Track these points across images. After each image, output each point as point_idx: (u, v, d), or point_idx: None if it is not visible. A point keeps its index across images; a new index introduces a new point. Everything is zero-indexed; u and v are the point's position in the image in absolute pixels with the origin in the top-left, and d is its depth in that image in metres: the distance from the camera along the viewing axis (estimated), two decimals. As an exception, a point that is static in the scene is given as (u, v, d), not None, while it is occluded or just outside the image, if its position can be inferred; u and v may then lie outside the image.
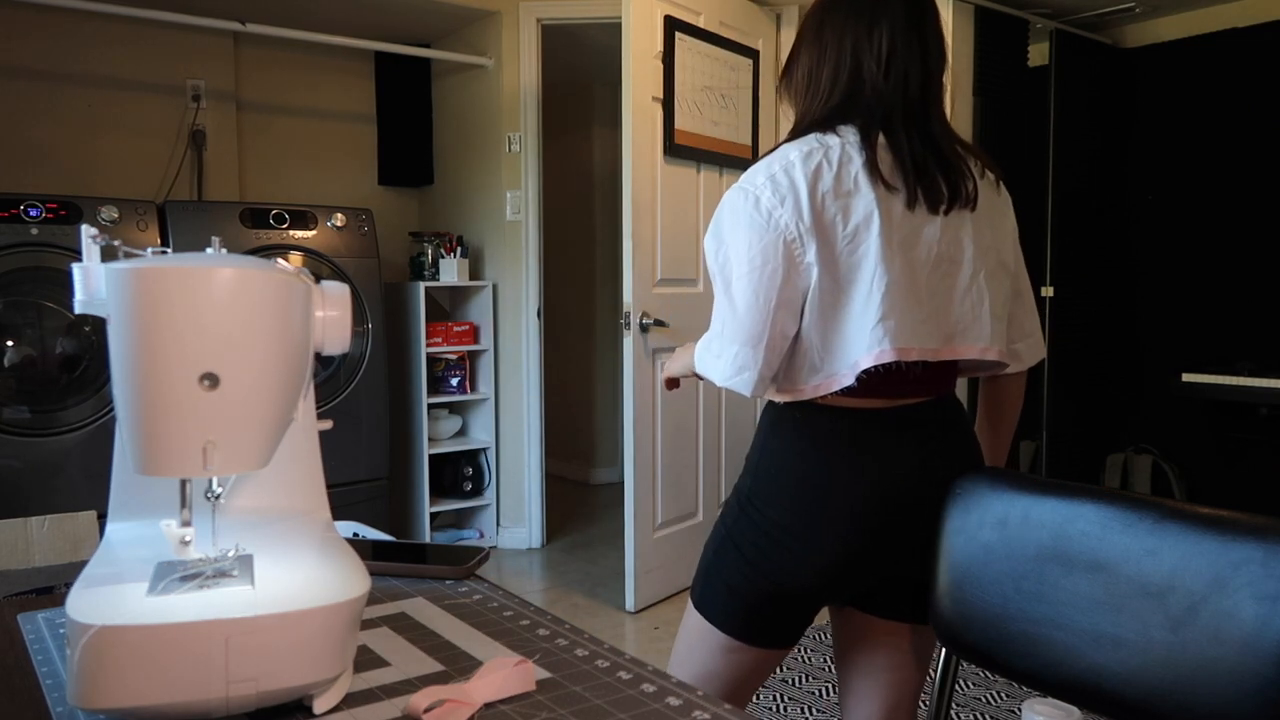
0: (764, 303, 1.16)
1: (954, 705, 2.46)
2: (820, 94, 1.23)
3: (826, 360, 1.18)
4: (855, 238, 1.15)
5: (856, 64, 1.21)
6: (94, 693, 0.63)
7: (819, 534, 1.19)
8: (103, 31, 3.62)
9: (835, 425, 1.20)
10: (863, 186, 1.15)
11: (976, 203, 1.21)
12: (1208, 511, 0.97)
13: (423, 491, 3.87)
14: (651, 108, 3.15)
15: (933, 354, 1.17)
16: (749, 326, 1.17)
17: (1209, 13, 3.69)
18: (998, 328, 1.23)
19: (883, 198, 1.15)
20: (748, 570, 1.23)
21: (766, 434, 1.27)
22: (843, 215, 1.15)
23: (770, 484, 1.23)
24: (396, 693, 0.76)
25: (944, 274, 1.19)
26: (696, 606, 1.29)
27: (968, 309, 1.20)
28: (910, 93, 1.20)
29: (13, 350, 2.90)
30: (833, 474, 1.19)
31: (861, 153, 1.16)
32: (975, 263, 1.20)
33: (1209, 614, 0.93)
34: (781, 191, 1.15)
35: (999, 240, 1.26)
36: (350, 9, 3.82)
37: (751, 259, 1.17)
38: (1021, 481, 1.14)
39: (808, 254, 1.15)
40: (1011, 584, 1.10)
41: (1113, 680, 1.00)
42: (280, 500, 0.89)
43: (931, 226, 1.18)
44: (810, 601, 1.24)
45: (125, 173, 3.70)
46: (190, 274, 0.67)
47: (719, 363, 1.21)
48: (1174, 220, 3.84)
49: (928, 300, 1.17)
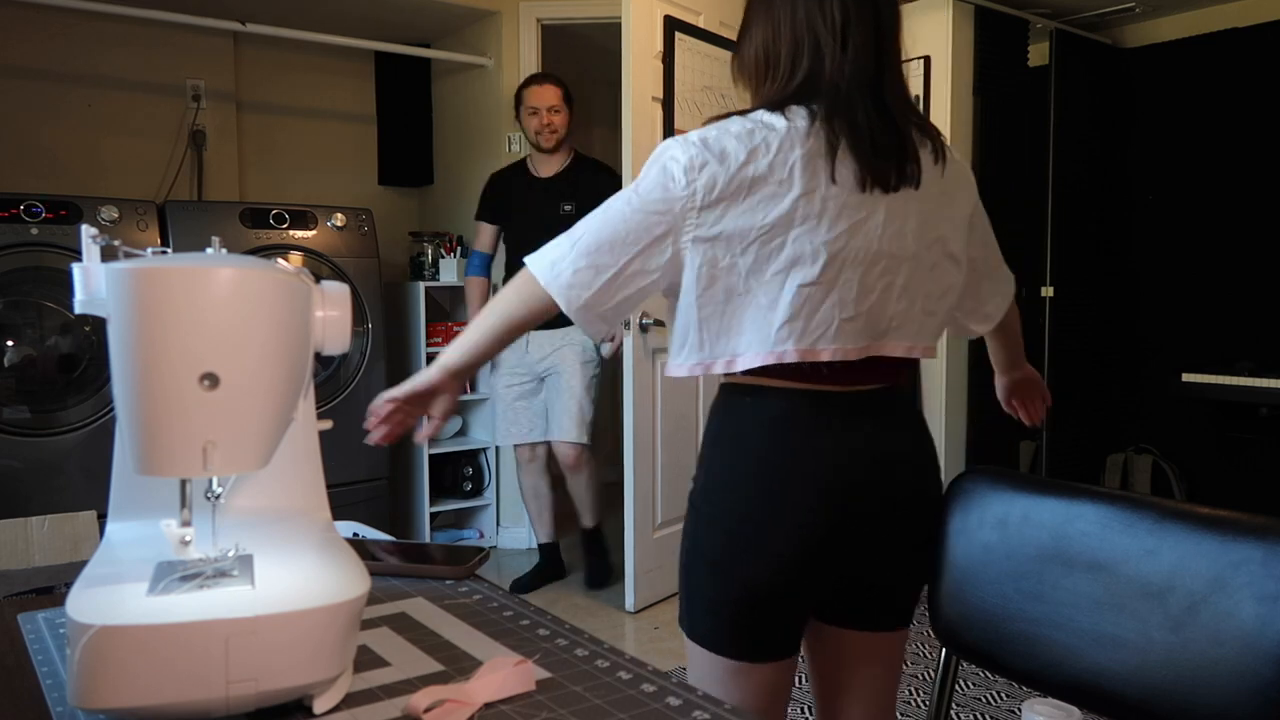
0: (629, 244, 1.12)
1: (954, 705, 2.46)
2: (780, 75, 1.17)
3: (713, 344, 1.14)
4: (771, 230, 1.10)
5: (814, 37, 1.14)
6: (94, 693, 0.63)
7: (774, 519, 1.14)
8: (103, 31, 3.62)
9: (792, 406, 1.15)
10: (796, 178, 1.10)
11: (919, 183, 1.15)
12: (1208, 511, 0.97)
13: (423, 491, 3.87)
14: (651, 108, 3.15)
15: (853, 354, 1.14)
16: (605, 254, 1.12)
17: (1209, 13, 3.69)
18: (927, 324, 1.20)
19: (818, 192, 1.10)
20: (718, 580, 1.17)
21: (718, 423, 1.21)
22: (764, 205, 1.10)
23: (726, 473, 1.17)
24: (396, 693, 0.75)
25: (883, 272, 1.14)
26: (688, 635, 1.23)
27: (902, 308, 1.17)
28: (866, 63, 1.13)
29: (13, 350, 2.90)
30: (790, 453, 1.14)
31: (806, 142, 1.11)
32: (915, 260, 1.16)
33: (1209, 614, 0.93)
34: (708, 156, 1.10)
35: (947, 229, 1.21)
36: (350, 9, 3.82)
37: (645, 201, 1.12)
38: (1021, 481, 1.14)
39: (700, 229, 1.11)
40: (1011, 584, 1.10)
41: (1113, 680, 1.00)
42: (280, 500, 0.89)
43: (876, 218, 1.13)
44: (785, 603, 1.18)
45: (125, 173, 3.69)
46: (190, 274, 0.67)
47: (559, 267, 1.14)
48: (1174, 220, 3.84)
49: (858, 301, 1.13)
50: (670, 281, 1.15)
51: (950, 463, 3.53)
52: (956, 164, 1.25)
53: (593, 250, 1.13)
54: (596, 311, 1.14)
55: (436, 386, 1.20)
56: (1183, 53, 3.76)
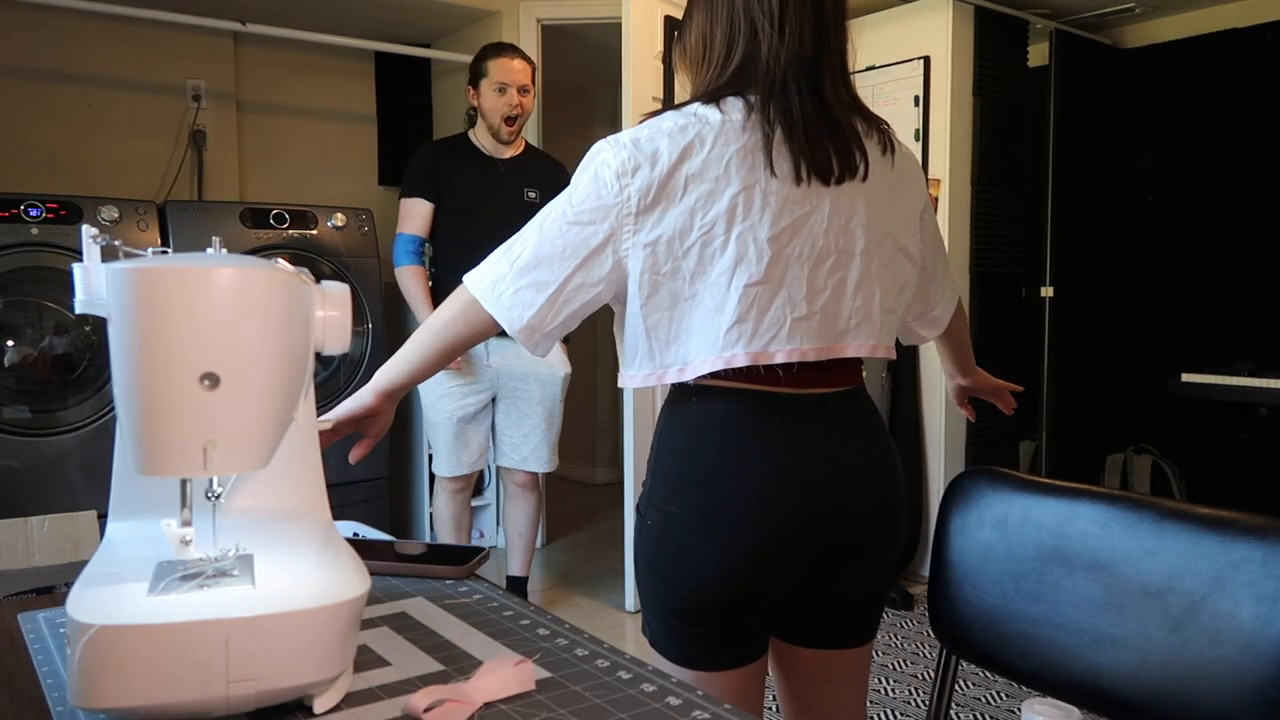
0: (568, 258, 1.09)
1: (954, 705, 2.46)
2: (716, 60, 1.13)
3: (662, 353, 1.11)
4: (712, 230, 1.06)
5: (751, 24, 1.10)
6: (94, 692, 0.63)
7: (716, 525, 1.09)
8: (103, 31, 3.62)
9: (737, 408, 1.11)
10: (733, 174, 1.06)
11: (867, 175, 1.12)
12: (1208, 511, 0.97)
13: (423, 491, 3.86)
14: (651, 108, 3.14)
15: (811, 354, 1.10)
16: (545, 270, 1.09)
17: (1209, 13, 3.69)
18: (888, 321, 1.17)
19: (758, 186, 1.07)
20: (666, 588, 1.14)
21: (662, 425, 1.17)
22: (702, 203, 1.06)
23: (668, 477, 1.13)
24: (396, 693, 0.76)
25: (833, 267, 1.10)
26: (651, 645, 1.19)
27: (859, 305, 1.12)
28: (804, 51, 1.10)
29: (13, 350, 2.90)
30: (731, 457, 1.10)
31: (742, 135, 1.07)
32: (867, 254, 1.12)
33: (1209, 614, 0.93)
34: (639, 159, 1.07)
35: (898, 224, 1.17)
36: (350, 9, 3.82)
37: (579, 212, 1.09)
38: (1021, 481, 1.14)
39: (639, 235, 1.07)
40: (1011, 584, 1.10)
41: (1113, 680, 1.00)
42: (280, 500, 0.89)
43: (820, 212, 1.09)
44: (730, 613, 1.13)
45: (125, 173, 3.70)
46: (190, 274, 0.67)
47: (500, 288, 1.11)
48: (1174, 220, 3.84)
49: (809, 299, 1.09)
50: (616, 290, 1.12)
51: (950, 463, 3.53)
52: (907, 157, 1.21)
53: (532, 268, 1.09)
54: (541, 331, 1.12)
55: (372, 409, 1.17)
56: (1183, 53, 3.77)
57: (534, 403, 3.03)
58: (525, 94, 2.98)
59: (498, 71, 2.94)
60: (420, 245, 3.01)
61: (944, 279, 1.34)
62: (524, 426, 3.04)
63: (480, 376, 2.98)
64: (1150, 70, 3.87)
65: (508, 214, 2.97)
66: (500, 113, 2.95)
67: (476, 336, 1.15)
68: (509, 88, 2.94)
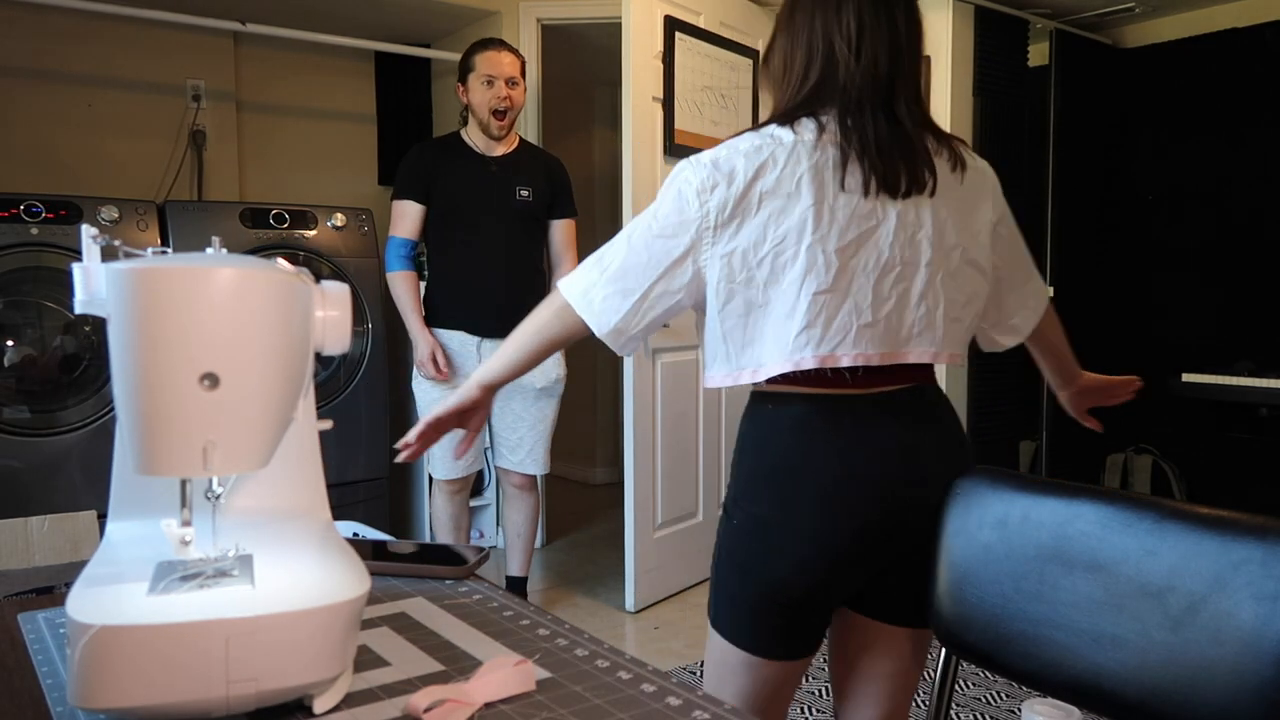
0: (652, 268, 1.20)
1: (954, 705, 2.46)
2: (794, 80, 1.23)
3: (739, 356, 1.20)
4: (784, 242, 1.15)
5: (829, 46, 1.20)
6: (94, 692, 0.63)
7: (794, 522, 1.18)
8: (103, 31, 3.61)
9: (809, 410, 1.19)
10: (804, 190, 1.15)
11: (935, 190, 1.19)
12: (1208, 511, 0.97)
13: (422, 492, 3.86)
14: (651, 108, 3.15)
15: (875, 359, 1.17)
16: (634, 279, 1.21)
17: (1209, 13, 3.69)
18: (953, 330, 1.23)
19: (826, 201, 1.15)
20: (741, 578, 1.22)
21: (744, 430, 1.26)
22: (775, 218, 1.15)
23: (749, 479, 1.22)
24: (396, 693, 0.76)
25: (897, 278, 1.18)
26: (711, 624, 1.29)
27: (922, 314, 1.20)
28: (879, 72, 1.19)
29: (13, 350, 2.90)
30: (804, 457, 1.18)
31: (814, 154, 1.16)
32: (933, 266, 1.19)
33: (1209, 614, 0.93)
34: (718, 177, 1.17)
35: (966, 238, 1.23)
36: (350, 9, 3.82)
37: (663, 226, 1.20)
38: (1021, 481, 1.14)
39: (717, 247, 1.17)
40: (1011, 584, 1.10)
41: (1113, 680, 1.00)
42: (280, 500, 0.89)
43: (887, 225, 1.17)
44: (805, 604, 1.22)
45: (125, 173, 3.69)
46: (190, 274, 0.67)
47: (591, 295, 1.23)
48: (1174, 220, 3.84)
49: (874, 308, 1.17)
50: (696, 298, 1.22)
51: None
52: (979, 172, 1.27)
53: (619, 277, 1.21)
54: (627, 334, 1.23)
55: (477, 401, 1.32)
56: (1183, 53, 3.76)
57: (530, 405, 3.02)
58: (514, 86, 2.92)
59: (485, 64, 2.90)
60: (412, 248, 2.98)
61: (1025, 288, 1.36)
62: (519, 429, 3.03)
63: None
64: (1150, 70, 3.87)
65: (499, 213, 2.96)
66: (488, 105, 2.89)
67: (569, 337, 1.28)
68: (496, 80, 2.88)
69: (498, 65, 2.90)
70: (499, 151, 2.98)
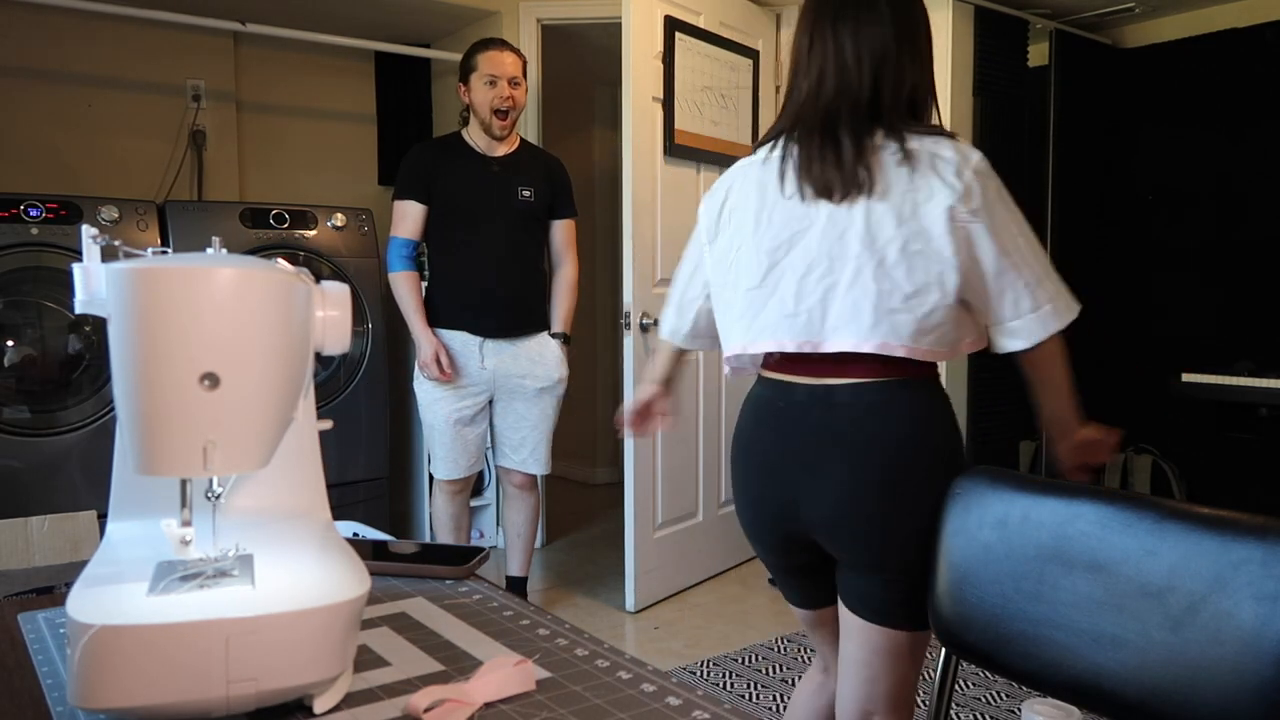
0: (687, 276, 1.52)
1: (954, 705, 2.46)
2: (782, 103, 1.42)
3: (723, 344, 1.44)
4: (734, 244, 1.37)
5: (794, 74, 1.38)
6: (94, 692, 0.63)
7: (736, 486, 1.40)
8: (103, 31, 3.61)
9: (759, 391, 1.38)
10: (751, 200, 1.35)
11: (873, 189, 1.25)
12: (1208, 511, 0.97)
13: (422, 492, 3.86)
14: (651, 108, 3.15)
15: (789, 346, 1.29)
16: (676, 291, 1.55)
17: (1209, 13, 3.69)
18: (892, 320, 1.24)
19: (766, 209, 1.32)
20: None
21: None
22: (736, 226, 1.37)
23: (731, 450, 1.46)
24: (396, 693, 0.76)
25: (823, 274, 1.27)
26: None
27: (848, 306, 1.26)
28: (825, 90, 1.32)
29: (13, 350, 2.90)
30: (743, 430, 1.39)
31: (763, 169, 1.35)
32: (860, 260, 1.25)
33: (1209, 614, 0.93)
34: (709, 201, 1.45)
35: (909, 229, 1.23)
36: (350, 9, 3.82)
37: (692, 241, 1.51)
38: (1021, 481, 1.14)
39: (712, 256, 1.44)
40: (1011, 584, 1.10)
41: (1113, 680, 1.00)
42: (280, 500, 0.89)
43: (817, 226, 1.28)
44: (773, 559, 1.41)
45: (125, 173, 3.69)
46: (190, 274, 0.67)
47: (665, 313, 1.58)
48: (1173, 220, 3.84)
49: (797, 300, 1.29)
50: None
51: (950, 463, 3.52)
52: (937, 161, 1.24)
53: (672, 285, 1.57)
54: (681, 333, 1.55)
55: (656, 395, 1.60)
56: (1183, 53, 3.76)
57: (531, 405, 3.01)
58: (516, 86, 2.92)
59: (487, 64, 2.90)
60: (413, 249, 2.96)
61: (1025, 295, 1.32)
62: (521, 429, 3.02)
63: (476, 379, 2.95)
64: (1150, 70, 3.87)
65: (500, 213, 2.96)
66: (490, 105, 2.88)
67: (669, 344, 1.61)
68: (499, 79, 2.88)
69: (500, 65, 2.89)
70: (500, 152, 2.97)
